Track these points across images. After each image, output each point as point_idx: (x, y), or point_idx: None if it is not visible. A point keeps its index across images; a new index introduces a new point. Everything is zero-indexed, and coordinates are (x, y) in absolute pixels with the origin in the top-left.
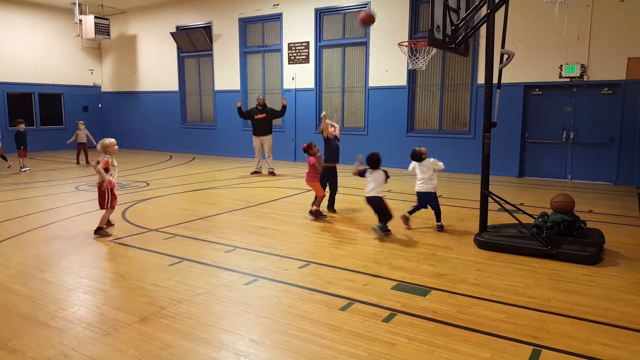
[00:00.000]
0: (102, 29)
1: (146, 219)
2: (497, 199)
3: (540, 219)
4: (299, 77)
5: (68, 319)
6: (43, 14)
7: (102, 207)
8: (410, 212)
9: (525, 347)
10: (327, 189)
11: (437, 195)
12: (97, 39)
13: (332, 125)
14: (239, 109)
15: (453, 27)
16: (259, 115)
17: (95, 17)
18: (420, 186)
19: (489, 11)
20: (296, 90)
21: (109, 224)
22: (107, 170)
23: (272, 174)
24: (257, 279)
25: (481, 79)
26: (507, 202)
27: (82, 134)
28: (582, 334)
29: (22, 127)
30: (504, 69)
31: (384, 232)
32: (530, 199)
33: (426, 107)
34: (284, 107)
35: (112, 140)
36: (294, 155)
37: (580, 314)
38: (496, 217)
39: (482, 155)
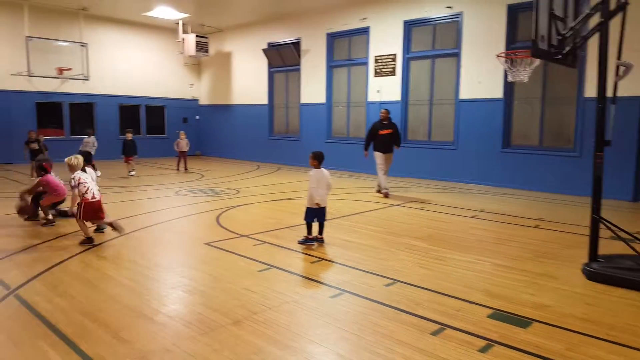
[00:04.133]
0: (201, 47)
1: (237, 225)
2: (611, 226)
3: None
4: (384, 89)
5: (169, 315)
6: (151, 34)
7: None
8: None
9: None
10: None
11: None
12: (197, 56)
13: None
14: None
15: (560, 37)
16: (385, 131)
17: (196, 35)
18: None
19: (602, 19)
20: (381, 103)
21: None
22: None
23: (386, 195)
24: (342, 293)
25: (589, 91)
26: (622, 230)
27: (183, 143)
28: None
29: (130, 135)
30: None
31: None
32: None
33: (524, 121)
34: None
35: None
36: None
37: None
38: (607, 245)
39: (593, 176)
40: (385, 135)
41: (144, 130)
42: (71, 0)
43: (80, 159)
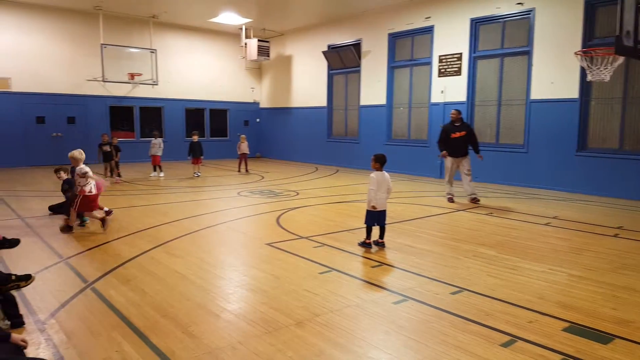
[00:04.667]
0: (263, 51)
1: (297, 227)
2: None
3: None
4: (448, 90)
5: (235, 313)
6: (215, 39)
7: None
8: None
9: None
10: None
11: None
12: (259, 60)
13: None
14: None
15: None
16: (457, 134)
17: (258, 40)
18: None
19: None
20: (445, 104)
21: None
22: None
23: (474, 200)
24: (406, 299)
25: None
26: None
27: (244, 145)
28: None
29: (196, 138)
30: None
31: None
32: None
33: (603, 122)
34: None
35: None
36: (439, 171)
37: None
38: None
39: None
40: (457, 138)
41: (207, 132)
42: (142, 9)
43: (83, 153)
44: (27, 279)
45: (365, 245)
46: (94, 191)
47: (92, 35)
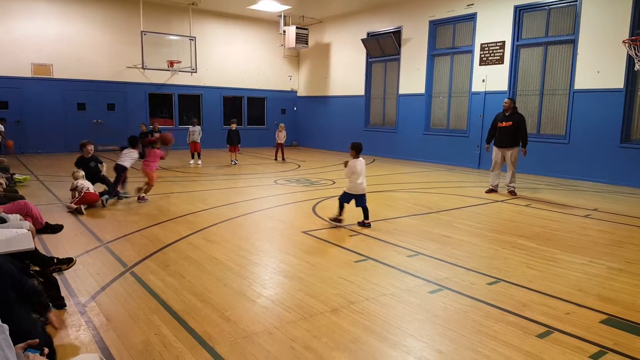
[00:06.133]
0: (301, 39)
1: (333, 215)
2: None
3: None
4: (490, 79)
5: (271, 299)
6: (254, 27)
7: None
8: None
9: None
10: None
11: None
12: (297, 48)
13: None
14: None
15: None
16: (504, 123)
17: (297, 27)
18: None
19: None
20: (486, 92)
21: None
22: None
23: (512, 193)
24: (441, 289)
25: None
26: None
27: (282, 134)
28: None
29: (234, 126)
30: None
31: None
32: None
33: None
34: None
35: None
36: (477, 162)
37: None
38: None
39: None
40: (503, 127)
41: (245, 120)
42: None
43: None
44: (68, 262)
45: (336, 220)
46: (91, 190)
47: (133, 23)
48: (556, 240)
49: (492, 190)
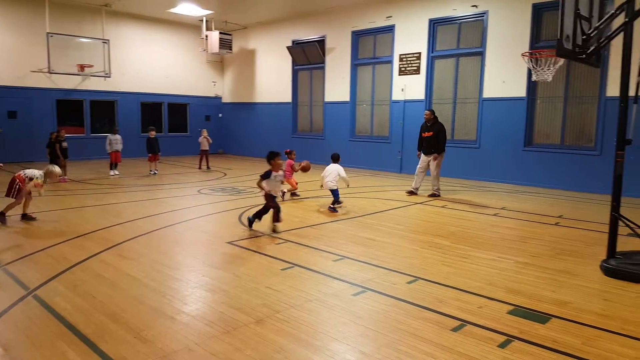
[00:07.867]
0: (225, 44)
1: (260, 224)
2: (630, 223)
3: None
4: (408, 88)
5: (192, 315)
6: (174, 31)
7: (7, 195)
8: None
9: None
10: None
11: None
12: (221, 53)
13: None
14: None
15: (584, 37)
16: (426, 134)
17: (220, 32)
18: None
19: (627, 19)
20: (405, 101)
21: (30, 217)
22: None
23: (435, 195)
24: (365, 291)
25: (611, 91)
26: None
27: (205, 141)
28: None
29: (153, 133)
30: None
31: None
32: None
33: (547, 120)
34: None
35: (58, 171)
36: (399, 166)
37: None
38: (626, 243)
39: (614, 174)
40: (426, 137)
41: (166, 128)
42: None
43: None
44: None
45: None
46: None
47: (38, 24)
48: (469, 238)
49: (412, 193)
